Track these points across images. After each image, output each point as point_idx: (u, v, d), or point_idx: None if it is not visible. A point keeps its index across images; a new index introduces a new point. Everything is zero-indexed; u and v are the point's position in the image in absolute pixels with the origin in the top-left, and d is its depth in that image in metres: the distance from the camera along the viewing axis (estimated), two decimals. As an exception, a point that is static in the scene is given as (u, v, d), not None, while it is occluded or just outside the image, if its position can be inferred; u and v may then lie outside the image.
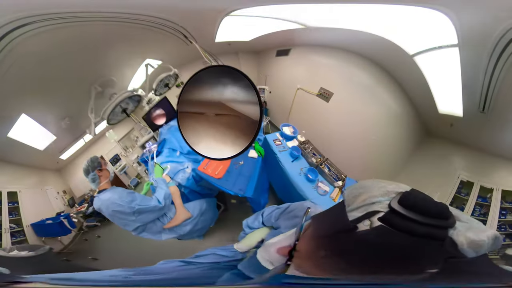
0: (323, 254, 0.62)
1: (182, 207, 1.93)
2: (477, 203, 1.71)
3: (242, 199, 2.34)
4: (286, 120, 2.43)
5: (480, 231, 0.50)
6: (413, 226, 0.51)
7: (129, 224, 1.70)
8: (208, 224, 2.16)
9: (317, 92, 2.16)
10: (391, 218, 0.53)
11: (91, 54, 1.91)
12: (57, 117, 1.93)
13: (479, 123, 1.62)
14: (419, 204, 0.52)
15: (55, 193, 2.01)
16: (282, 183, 2.30)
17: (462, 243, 0.49)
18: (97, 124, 1.90)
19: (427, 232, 0.50)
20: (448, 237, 0.50)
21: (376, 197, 0.58)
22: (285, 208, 1.14)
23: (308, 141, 2.42)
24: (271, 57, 2.30)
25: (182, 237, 2.12)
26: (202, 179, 2.15)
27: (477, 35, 1.47)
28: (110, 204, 1.61)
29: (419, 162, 1.93)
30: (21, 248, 1.72)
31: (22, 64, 1.71)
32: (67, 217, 1.95)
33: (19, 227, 1.80)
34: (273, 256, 0.83)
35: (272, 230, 1.12)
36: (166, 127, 2.36)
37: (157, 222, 1.81)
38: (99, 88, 1.95)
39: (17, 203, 1.82)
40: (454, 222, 0.52)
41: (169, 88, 2.28)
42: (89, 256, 1.90)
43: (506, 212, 1.64)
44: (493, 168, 1.66)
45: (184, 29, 1.98)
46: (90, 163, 1.67)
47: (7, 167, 1.82)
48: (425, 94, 1.74)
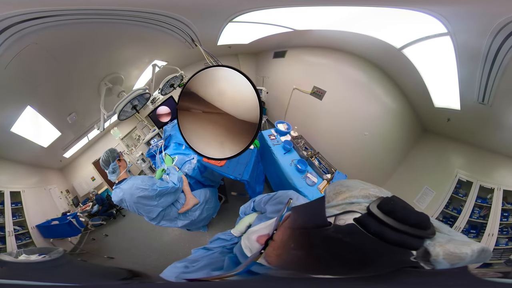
0: (292, 245, 0.62)
1: (190, 193, 2.03)
2: (476, 205, 1.58)
3: (242, 191, 2.53)
4: (283, 118, 2.67)
5: (463, 244, 0.48)
6: (387, 232, 0.50)
7: (152, 210, 1.74)
8: (211, 213, 2.27)
9: (311, 91, 2.45)
10: (367, 221, 0.53)
11: (102, 51, 1.92)
12: (63, 111, 1.87)
13: (478, 116, 1.50)
14: (398, 211, 0.52)
15: (59, 192, 1.92)
16: (276, 174, 2.50)
17: (437, 254, 0.47)
18: (109, 118, 1.90)
19: (399, 239, 0.49)
20: (422, 247, 0.49)
21: (356, 198, 0.58)
22: (273, 195, 1.19)
23: (301, 136, 2.69)
24: (268, 59, 2.56)
25: (191, 227, 2.20)
26: (206, 169, 2.28)
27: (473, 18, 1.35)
28: (134, 190, 1.64)
29: (414, 160, 1.90)
30: (30, 252, 1.61)
31: (30, 55, 1.66)
32: (75, 217, 1.88)
33: (23, 229, 1.69)
34: (253, 244, 0.84)
35: (259, 215, 1.17)
36: (170, 125, 2.44)
37: (173, 208, 1.89)
38: (109, 84, 1.96)
39: (21, 204, 1.71)
40: (433, 233, 0.51)
41: (174, 88, 2.38)
42: (104, 255, 1.84)
43: (508, 214, 1.49)
44: (494, 166, 1.53)
45: (194, 33, 2.11)
46: (110, 154, 1.67)
47: (9, 165, 1.71)
48: (420, 88, 1.69)
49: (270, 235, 0.70)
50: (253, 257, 0.69)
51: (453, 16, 1.43)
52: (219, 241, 1.19)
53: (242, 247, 0.88)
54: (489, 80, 1.39)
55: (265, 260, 0.67)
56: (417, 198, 1.80)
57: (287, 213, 0.75)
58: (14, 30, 1.63)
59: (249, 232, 0.92)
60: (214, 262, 0.98)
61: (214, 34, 2.26)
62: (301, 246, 0.61)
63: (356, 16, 1.87)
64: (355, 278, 0.50)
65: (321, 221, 0.58)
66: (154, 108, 2.33)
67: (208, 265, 0.97)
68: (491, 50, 1.35)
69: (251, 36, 2.44)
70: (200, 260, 1.01)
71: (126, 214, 2.23)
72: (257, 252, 0.69)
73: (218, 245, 1.14)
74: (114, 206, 2.20)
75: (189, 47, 2.25)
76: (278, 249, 0.66)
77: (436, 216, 1.72)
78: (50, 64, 1.76)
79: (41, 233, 1.74)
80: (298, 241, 0.62)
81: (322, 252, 0.54)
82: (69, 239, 1.81)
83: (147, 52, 2.19)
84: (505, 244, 1.49)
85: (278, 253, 0.65)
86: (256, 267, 0.68)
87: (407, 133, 1.96)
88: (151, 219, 1.81)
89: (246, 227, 1.17)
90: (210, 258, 1.03)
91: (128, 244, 2.05)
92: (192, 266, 0.98)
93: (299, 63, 2.47)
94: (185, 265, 0.99)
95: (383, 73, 1.90)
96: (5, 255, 1.59)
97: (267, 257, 0.67)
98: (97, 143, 2.16)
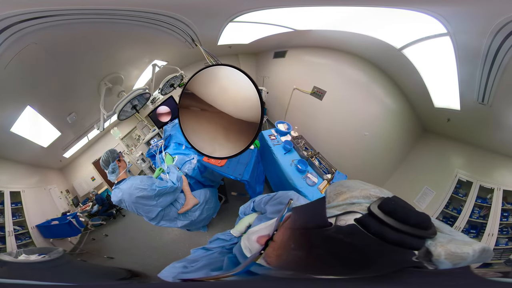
0: (292, 246, 0.62)
1: (190, 193, 2.03)
2: (476, 205, 1.57)
3: (242, 191, 2.54)
4: (283, 118, 2.67)
5: (464, 244, 0.48)
6: (387, 232, 0.50)
7: (152, 210, 1.74)
8: (211, 214, 2.27)
9: (311, 91, 2.45)
10: (368, 221, 0.53)
11: (102, 51, 1.92)
12: (63, 111, 1.87)
13: (478, 116, 1.50)
14: (398, 211, 0.52)
15: (59, 192, 1.92)
16: (276, 174, 2.50)
17: (439, 254, 0.47)
18: (108, 118, 1.90)
19: (400, 239, 0.49)
20: (424, 247, 0.49)
21: (357, 198, 0.58)
22: (273, 195, 1.19)
23: (301, 136, 2.69)
24: (268, 59, 2.56)
25: (190, 227, 2.20)
26: (206, 169, 2.28)
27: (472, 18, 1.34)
28: (133, 190, 1.65)
29: (414, 160, 1.90)
30: (30, 252, 1.61)
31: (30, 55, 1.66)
32: (75, 217, 1.87)
33: (23, 229, 1.69)
34: (253, 244, 0.83)
35: (259, 215, 1.16)
36: (170, 125, 2.44)
37: (172, 208, 1.89)
38: (108, 84, 1.96)
39: (21, 204, 1.71)
40: (434, 233, 0.51)
41: (174, 88, 2.38)
42: (104, 255, 1.84)
43: (508, 214, 1.49)
44: (494, 166, 1.53)
45: (194, 33, 2.10)
46: (110, 154, 1.67)
47: (9, 165, 1.71)
48: (420, 89, 1.70)
49: (270, 236, 0.70)
50: (253, 258, 0.69)
51: (453, 16, 1.44)
52: (219, 241, 1.19)
53: (241, 248, 0.87)
54: (489, 80, 1.39)
55: (264, 261, 0.66)
56: (417, 198, 1.81)
57: (288, 214, 0.75)
58: (14, 29, 1.63)
59: (249, 233, 0.92)
60: (213, 263, 0.98)
61: (215, 34, 2.26)
62: (301, 247, 0.60)
63: (355, 16, 1.87)
64: (356, 278, 0.49)
65: (322, 221, 0.58)
66: (154, 108, 2.33)
67: (207, 265, 0.97)
68: (490, 49, 1.35)
69: (252, 36, 2.45)
70: (199, 260, 1.01)
71: (126, 214, 2.22)
72: (256, 252, 0.69)
73: (218, 245, 1.14)
74: (114, 206, 2.20)
75: (189, 47, 2.24)
76: (278, 249, 0.66)
77: (436, 216, 1.72)
78: (50, 64, 1.75)
79: (41, 233, 1.74)
80: (299, 242, 0.62)
81: (323, 253, 0.54)
82: (69, 239, 1.81)
83: (147, 52, 2.18)
84: (505, 244, 1.50)
85: (278, 254, 0.65)
86: (255, 268, 0.67)
87: (407, 133, 1.97)
88: (151, 219, 1.80)
89: (246, 227, 1.17)
90: (209, 258, 1.03)
91: (128, 244, 2.05)
92: (191, 266, 0.98)
93: (299, 63, 2.47)
94: (184, 265, 0.99)
95: (383, 73, 1.91)
96: (5, 255, 1.59)
97: (266, 257, 0.67)
98: (97, 143, 2.16)
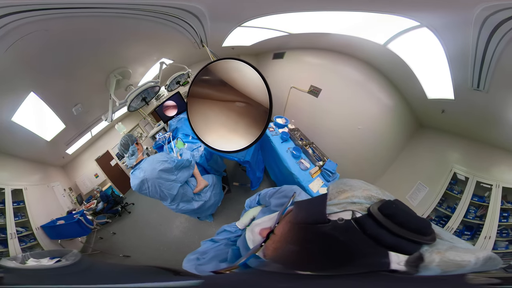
0: (289, 239, 0.64)
1: (200, 176, 2.10)
2: (472, 203, 1.40)
3: (243, 182, 2.71)
4: (282, 114, 2.85)
5: (465, 251, 0.46)
6: (383, 234, 0.50)
7: (173, 186, 1.76)
8: (218, 200, 2.35)
9: (308, 89, 2.67)
10: (366, 222, 0.53)
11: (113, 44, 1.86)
12: (69, 102, 1.75)
13: (474, 105, 1.34)
14: (399, 215, 0.51)
15: (62, 190, 1.77)
16: (274, 161, 2.67)
17: (431, 261, 0.46)
18: (120, 107, 1.83)
19: (395, 243, 0.49)
20: (418, 253, 0.48)
21: (358, 198, 0.58)
22: (278, 189, 1.21)
23: (298, 128, 2.91)
24: (268, 60, 2.71)
25: (201, 214, 2.26)
26: (212, 157, 2.39)
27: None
28: (155, 164, 1.64)
29: (409, 154, 1.84)
30: (39, 256, 1.44)
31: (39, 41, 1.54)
32: (83, 215, 1.75)
33: (27, 231, 1.53)
34: (256, 236, 0.85)
35: (263, 208, 1.18)
36: (175, 119, 2.44)
37: (188, 188, 1.94)
38: (118, 76, 1.90)
39: (23, 202, 1.54)
40: (433, 239, 0.51)
41: (180, 85, 2.40)
42: (119, 254, 1.74)
43: (508, 214, 1.31)
44: (493, 161, 1.35)
45: (205, 34, 2.16)
46: (129, 138, 1.66)
47: (9, 160, 1.53)
48: (411, 82, 1.63)
49: (272, 228, 0.72)
50: (254, 250, 0.70)
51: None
52: (225, 233, 1.22)
53: (245, 240, 0.90)
54: (484, 62, 1.17)
55: (262, 253, 0.68)
56: (410, 194, 1.73)
57: (290, 207, 0.75)
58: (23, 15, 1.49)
59: (252, 225, 0.94)
60: (220, 254, 1.03)
61: (222, 36, 2.35)
62: (296, 241, 0.62)
63: (348, 20, 2.00)
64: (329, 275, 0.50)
65: (319, 217, 0.58)
66: (160, 103, 2.30)
67: (215, 257, 1.02)
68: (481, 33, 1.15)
69: (253, 39, 2.59)
70: (208, 252, 1.07)
71: (131, 210, 2.13)
72: (258, 244, 0.70)
73: (224, 237, 1.19)
74: (119, 203, 2.09)
75: (196, 47, 2.29)
76: (276, 242, 0.67)
77: (428, 214, 1.65)
78: (58, 53, 1.64)
79: (47, 234, 1.58)
80: (295, 236, 0.63)
81: (313, 248, 0.56)
82: (79, 239, 1.68)
83: (156, 50, 2.17)
84: (505, 247, 1.34)
85: (275, 247, 0.66)
86: (251, 261, 0.69)
87: (401, 127, 1.96)
88: (171, 201, 1.80)
89: (250, 219, 1.18)
90: (216, 250, 1.08)
91: (138, 241, 1.97)
92: (202, 258, 1.04)
93: (297, 64, 2.67)
94: (196, 257, 1.05)
95: (375, 69, 1.99)
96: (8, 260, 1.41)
97: (265, 249, 0.68)
98: (100, 140, 2.05)
